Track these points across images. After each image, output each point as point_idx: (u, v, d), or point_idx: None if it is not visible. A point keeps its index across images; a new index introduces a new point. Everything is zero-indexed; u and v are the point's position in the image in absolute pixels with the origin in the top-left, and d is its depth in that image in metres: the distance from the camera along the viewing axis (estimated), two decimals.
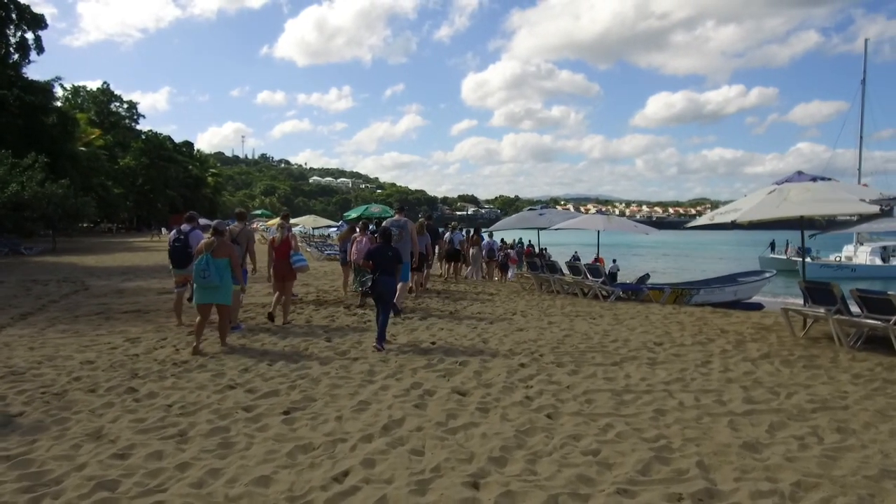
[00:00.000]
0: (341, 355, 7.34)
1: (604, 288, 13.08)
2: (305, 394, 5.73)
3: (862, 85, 40.49)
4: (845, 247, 40.94)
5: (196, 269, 7.41)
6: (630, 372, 6.60)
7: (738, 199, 9.42)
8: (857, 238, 39.79)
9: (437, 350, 7.66)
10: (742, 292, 19.95)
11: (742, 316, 10.90)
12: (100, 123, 74.97)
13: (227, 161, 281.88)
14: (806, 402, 5.49)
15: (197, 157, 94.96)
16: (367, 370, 6.60)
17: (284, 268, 9.40)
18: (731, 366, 6.90)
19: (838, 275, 35.98)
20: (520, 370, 6.62)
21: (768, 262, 42.66)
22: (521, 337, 8.55)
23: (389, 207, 20.64)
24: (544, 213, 15.35)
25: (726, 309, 13.17)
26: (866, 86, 40.10)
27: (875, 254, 38.34)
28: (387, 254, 7.91)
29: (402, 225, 11.45)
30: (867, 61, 41.26)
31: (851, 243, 40.23)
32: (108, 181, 65.16)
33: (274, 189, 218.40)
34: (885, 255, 38.33)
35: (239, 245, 9.04)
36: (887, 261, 37.86)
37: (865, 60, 41.31)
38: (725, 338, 8.59)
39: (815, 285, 8.43)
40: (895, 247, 38.80)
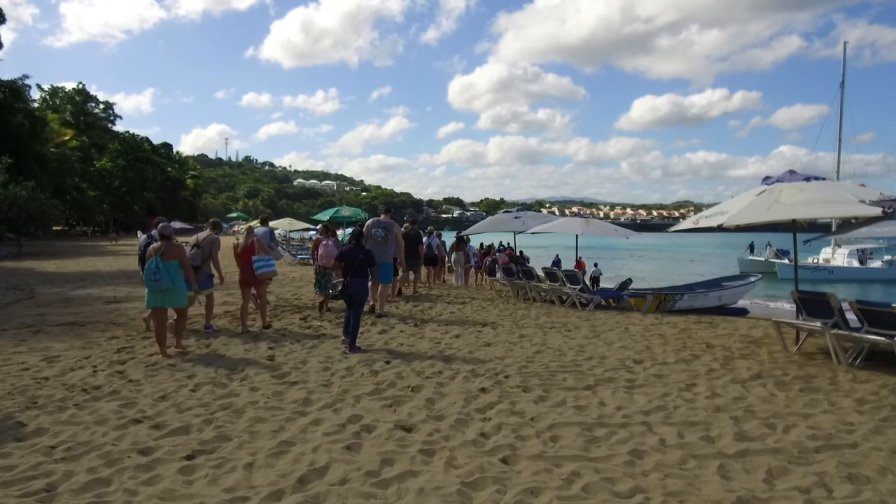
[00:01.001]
0: (279, 378, 6.45)
1: (582, 296, 12.28)
2: (221, 430, 4.84)
3: (841, 88, 40.64)
4: (823, 249, 41.01)
5: (146, 273, 7.31)
6: (605, 398, 5.77)
7: (725, 201, 8.66)
8: (835, 240, 39.93)
9: (391, 370, 6.79)
10: (727, 297, 19.39)
11: (729, 327, 10.13)
12: (75, 124, 73.30)
13: (210, 163, 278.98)
14: (807, 437, 4.68)
15: (176, 158, 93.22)
16: (303, 398, 5.71)
17: (250, 274, 9.14)
18: (719, 389, 6.10)
19: (815, 277, 35.78)
20: (479, 396, 5.77)
21: (747, 265, 42.53)
22: (488, 353, 7.70)
23: (361, 210, 19.70)
24: (520, 216, 14.51)
25: (711, 315, 12.46)
26: (846, 89, 40.24)
27: (853, 256, 38.35)
28: (358, 256, 7.70)
29: (387, 227, 11.07)
30: (846, 64, 41.41)
31: (829, 245, 40.34)
32: (83, 183, 63.66)
33: (258, 192, 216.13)
34: (863, 257, 38.34)
35: (201, 249, 9.06)
36: (865, 263, 37.87)
37: (844, 63, 41.49)
38: (712, 354, 7.80)
39: (810, 296, 7.66)
40: (873, 249, 38.82)
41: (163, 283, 7.21)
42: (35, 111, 40.15)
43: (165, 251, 7.34)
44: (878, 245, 39.47)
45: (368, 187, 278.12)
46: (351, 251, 7.82)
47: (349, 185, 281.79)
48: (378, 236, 11.00)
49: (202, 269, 9.11)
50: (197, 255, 9.06)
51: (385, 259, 10.79)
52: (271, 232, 13.79)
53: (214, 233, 9.56)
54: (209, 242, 9.25)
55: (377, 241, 10.91)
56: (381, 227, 11.06)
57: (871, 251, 39.00)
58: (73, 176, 47.32)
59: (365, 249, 8.06)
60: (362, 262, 7.77)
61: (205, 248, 9.16)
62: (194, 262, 8.97)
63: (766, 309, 22.01)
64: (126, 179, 74.24)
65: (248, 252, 9.23)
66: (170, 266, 7.30)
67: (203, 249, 9.13)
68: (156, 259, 7.24)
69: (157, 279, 7.19)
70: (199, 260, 9.06)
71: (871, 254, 38.60)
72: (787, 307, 23.92)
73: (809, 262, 38.97)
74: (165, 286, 7.25)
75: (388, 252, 10.96)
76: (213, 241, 9.31)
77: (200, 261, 9.07)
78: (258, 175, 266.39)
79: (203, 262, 9.11)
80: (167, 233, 7.55)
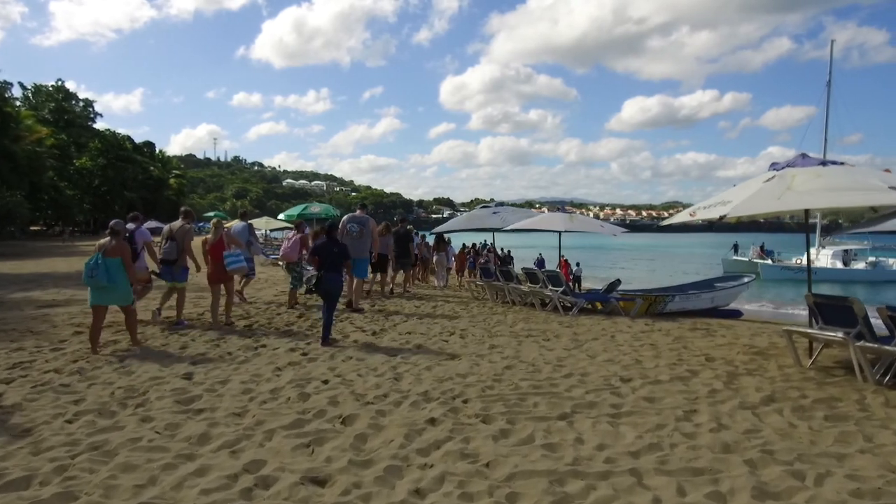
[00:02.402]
0: (184, 404, 5.21)
1: (565, 299, 11.09)
2: (70, 485, 3.60)
3: (827, 87, 40.27)
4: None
5: (85, 267, 7.16)
6: (583, 431, 4.58)
7: (728, 189, 7.50)
8: (820, 241, 39.49)
9: (326, 392, 5.57)
10: (719, 299, 18.49)
11: (729, 336, 8.96)
12: (54, 122, 71.47)
13: (198, 163, 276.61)
14: (850, 493, 3.50)
15: (159, 157, 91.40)
16: (201, 433, 4.48)
17: (218, 270, 8.87)
18: (726, 418, 4.92)
19: (798, 277, 35.15)
20: (426, 431, 4.56)
21: (731, 265, 42.00)
22: (448, 370, 6.48)
23: (332, 207, 18.43)
24: (498, 211, 13.27)
25: (705, 318, 11.35)
26: (833, 88, 39.95)
27: (836, 257, 37.97)
28: (332, 250, 7.68)
29: (362, 222, 11.12)
30: (833, 64, 41.04)
31: (814, 245, 39.97)
32: (61, 182, 61.93)
33: (246, 192, 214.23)
34: (847, 258, 37.90)
35: (175, 241, 8.91)
36: (848, 264, 37.43)
37: (831, 62, 41.12)
38: (712, 369, 6.63)
39: (829, 300, 6.48)
40: (857, 250, 38.36)
41: (98, 280, 7.03)
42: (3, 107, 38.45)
43: (109, 248, 7.16)
44: (862, 246, 39.14)
45: (358, 188, 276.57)
46: (325, 245, 7.72)
47: (339, 186, 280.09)
48: (353, 231, 11.02)
49: (179, 262, 8.95)
50: (172, 248, 8.91)
51: (361, 254, 10.85)
52: (250, 227, 12.94)
53: (187, 222, 9.23)
54: (183, 233, 8.98)
55: (353, 237, 10.92)
56: (356, 222, 11.07)
57: (854, 252, 38.63)
58: (44, 174, 45.56)
59: (339, 243, 7.97)
60: (337, 257, 7.70)
61: (178, 238, 8.93)
62: (169, 255, 8.92)
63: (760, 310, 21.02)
64: (106, 178, 72.50)
65: (218, 247, 8.90)
66: (109, 263, 7.10)
67: (177, 241, 8.92)
68: (97, 255, 7.09)
69: (94, 275, 7.03)
70: (175, 253, 8.90)
71: (855, 255, 38.17)
72: (769, 308, 23.02)
73: (793, 263, 38.63)
74: (101, 283, 7.06)
75: (364, 247, 10.98)
76: (186, 232, 9.04)
77: (176, 253, 8.90)
78: (247, 175, 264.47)
79: (179, 254, 8.92)
80: (118, 229, 7.36)
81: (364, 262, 11.05)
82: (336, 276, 7.80)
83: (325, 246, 7.77)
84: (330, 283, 7.68)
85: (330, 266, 7.67)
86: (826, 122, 39.69)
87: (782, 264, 38.64)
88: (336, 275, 7.79)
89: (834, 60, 41.28)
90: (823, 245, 39.40)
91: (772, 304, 24.18)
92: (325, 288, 7.67)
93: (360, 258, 10.82)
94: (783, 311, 22.15)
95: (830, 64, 41.03)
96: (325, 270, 7.63)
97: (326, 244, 7.81)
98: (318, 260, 7.71)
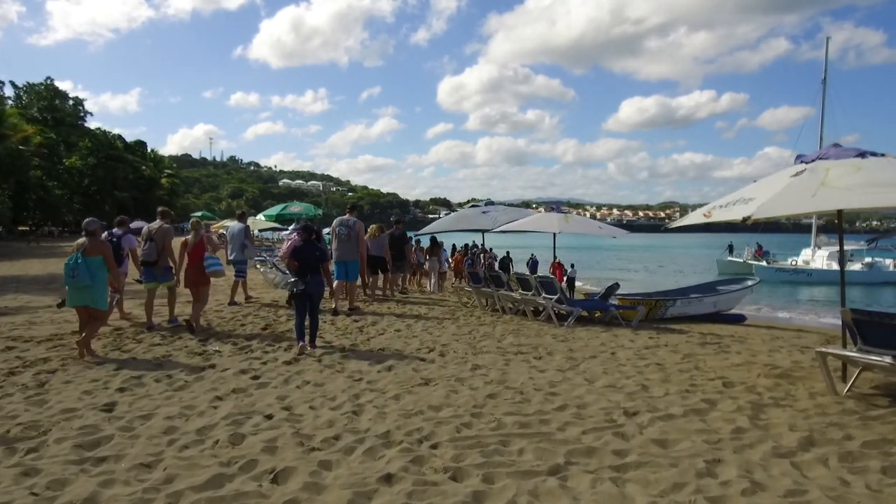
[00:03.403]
0: (85, 450, 4.19)
1: (560, 308, 10.07)
2: None
3: (823, 84, 39.68)
4: (803, 250, 40.22)
5: (65, 269, 7.01)
6: (579, 494, 3.56)
7: (747, 187, 6.47)
8: (816, 241, 38.16)
9: (265, 432, 4.54)
10: (722, 303, 17.67)
11: (744, 352, 7.93)
12: (43, 121, 70.24)
13: (194, 163, 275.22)
14: None
15: (150, 157, 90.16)
16: (88, 496, 3.45)
17: (196, 273, 8.64)
18: (759, 471, 3.90)
19: (793, 279, 34.25)
20: (377, 495, 3.54)
21: (725, 266, 41.24)
22: (420, 400, 5.45)
23: (314, 207, 17.37)
24: (488, 210, 12.21)
25: (717, 331, 10.37)
26: (830, 88, 39.44)
27: (833, 258, 37.18)
28: (313, 253, 7.48)
29: (350, 224, 10.96)
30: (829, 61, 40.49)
31: (809, 246, 39.17)
32: (49, 182, 60.73)
33: (242, 192, 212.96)
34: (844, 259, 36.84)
35: (154, 242, 8.72)
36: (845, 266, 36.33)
37: (826, 59, 40.53)
38: (732, 398, 5.61)
39: (872, 318, 5.45)
40: (853, 251, 37.64)
41: (80, 280, 6.86)
42: None
43: (88, 247, 6.99)
44: (858, 246, 38.44)
45: (355, 188, 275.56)
46: (306, 248, 7.47)
47: (335, 186, 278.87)
48: (342, 234, 10.91)
49: (159, 263, 8.77)
50: (152, 249, 8.70)
51: (352, 256, 10.82)
52: (247, 229, 12.14)
53: (165, 222, 9.02)
54: (162, 234, 8.78)
55: (342, 240, 10.87)
56: (345, 225, 10.95)
57: (851, 253, 37.81)
58: (28, 173, 44.37)
59: (317, 246, 7.75)
60: (317, 259, 7.53)
61: (158, 239, 8.73)
62: (149, 256, 8.71)
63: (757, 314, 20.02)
64: (96, 178, 71.34)
65: (199, 249, 8.65)
66: (91, 262, 6.93)
67: (157, 241, 8.72)
68: (76, 255, 6.91)
69: (75, 275, 6.86)
70: (155, 254, 8.70)
71: (852, 255, 37.36)
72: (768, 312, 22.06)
73: (788, 265, 37.94)
74: (83, 283, 6.88)
75: (354, 250, 10.87)
76: (165, 232, 8.83)
77: (156, 254, 8.71)
78: (243, 175, 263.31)
79: (159, 254, 8.72)
80: (91, 229, 7.14)
81: (355, 264, 10.95)
82: (318, 278, 7.58)
83: (304, 248, 7.49)
84: (313, 286, 7.43)
85: (311, 269, 7.45)
86: (822, 120, 39.14)
87: (777, 266, 37.90)
88: (318, 277, 7.58)
89: (831, 61, 40.74)
90: (819, 245, 38.72)
91: (769, 308, 23.24)
92: (309, 292, 7.42)
93: (352, 260, 10.83)
94: (782, 316, 21.23)
95: (826, 61, 40.44)
96: (308, 274, 7.42)
97: (306, 246, 7.53)
98: (296, 264, 7.45)
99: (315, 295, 7.54)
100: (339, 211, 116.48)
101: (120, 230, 9.34)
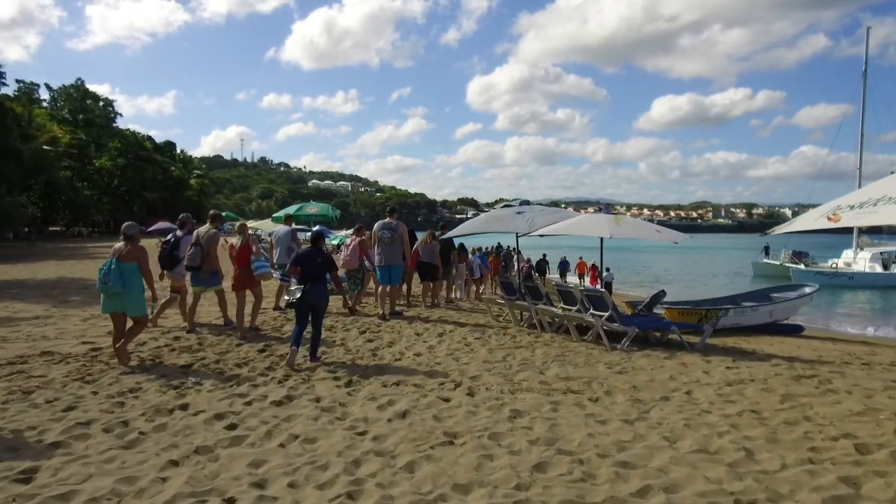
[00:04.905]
0: None
1: (612, 327, 8.45)
2: None
3: (863, 77, 37.42)
4: (845, 252, 37.98)
5: (99, 273, 6.74)
6: None
7: (877, 182, 4.85)
8: (858, 243, 36.39)
9: None
10: (779, 312, 16.18)
11: (855, 391, 6.14)
12: (73, 122, 70.64)
13: (225, 164, 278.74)
14: None
15: (180, 158, 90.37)
16: None
17: (244, 275, 8.54)
18: None
19: (833, 282, 31.94)
20: None
21: (761, 269, 39.21)
22: (440, 474, 3.92)
23: (331, 207, 15.98)
24: (524, 211, 10.57)
25: (803, 358, 8.69)
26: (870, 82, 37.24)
27: (875, 260, 34.96)
28: (316, 260, 7.11)
29: (392, 227, 10.71)
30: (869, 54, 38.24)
31: (851, 248, 36.49)
32: (79, 182, 60.86)
33: (272, 192, 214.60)
34: (888, 261, 34.78)
35: (200, 247, 8.52)
36: (889, 268, 34.30)
37: (867, 51, 38.45)
38: (878, 472, 3.96)
39: None
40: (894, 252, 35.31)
41: (112, 287, 6.57)
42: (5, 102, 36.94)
43: (125, 253, 6.72)
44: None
45: (383, 188, 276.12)
46: (309, 254, 7.13)
47: (363, 186, 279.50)
48: (385, 238, 10.66)
49: (203, 267, 8.53)
50: (196, 253, 8.48)
51: (394, 260, 10.63)
52: (293, 232, 11.58)
53: (214, 227, 8.78)
54: (208, 239, 8.59)
55: (385, 244, 10.63)
56: (387, 228, 10.72)
57: (894, 254, 35.42)
58: (53, 173, 44.04)
59: (323, 253, 7.33)
60: (321, 267, 7.06)
61: (204, 244, 8.53)
62: (193, 261, 8.49)
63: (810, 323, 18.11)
64: (125, 178, 71.45)
65: (245, 252, 8.51)
66: (124, 269, 6.66)
67: (202, 246, 8.52)
68: (111, 260, 6.67)
69: (107, 282, 6.58)
70: (199, 259, 8.48)
71: None
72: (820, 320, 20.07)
73: (828, 267, 35.86)
74: (115, 290, 6.58)
75: (397, 253, 10.66)
76: (212, 237, 8.63)
77: (200, 259, 8.49)
78: (273, 176, 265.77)
79: (203, 259, 8.50)
80: (130, 233, 6.85)
81: (398, 268, 10.75)
82: (321, 287, 7.05)
83: (308, 255, 7.11)
84: (314, 295, 6.94)
85: (314, 277, 6.96)
86: (862, 116, 37.19)
87: (816, 268, 35.71)
88: (321, 286, 7.05)
89: (871, 57, 38.64)
90: (861, 247, 36.70)
91: (819, 316, 21.24)
92: (309, 301, 6.92)
93: (395, 264, 10.65)
94: (838, 327, 19.27)
95: (867, 53, 38.48)
96: (310, 282, 6.92)
97: (310, 253, 7.14)
98: (300, 271, 7.05)
99: (318, 305, 7.05)
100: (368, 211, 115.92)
101: (182, 231, 9.06)
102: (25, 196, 37.69)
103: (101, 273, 6.69)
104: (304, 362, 7.02)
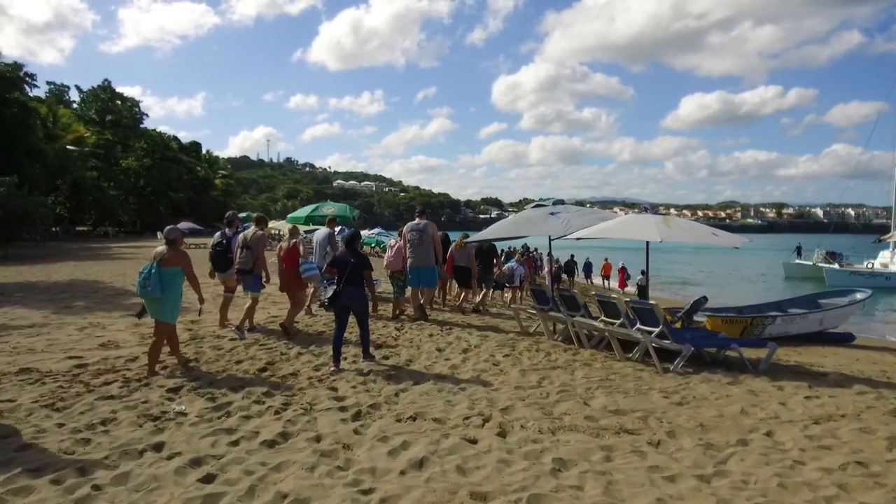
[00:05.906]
0: None
1: (664, 344, 7.34)
2: None
3: None
4: (882, 252, 36.13)
5: (139, 277, 6.45)
6: None
7: None
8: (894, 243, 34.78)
9: None
10: (829, 320, 14.98)
11: None
12: (100, 122, 71.19)
13: (252, 165, 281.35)
14: None
15: (205, 158, 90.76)
16: None
17: (291, 277, 8.67)
18: None
19: (869, 283, 30.21)
20: None
21: (793, 270, 37.77)
22: None
23: (350, 208, 15.07)
24: (558, 211, 9.45)
25: (886, 383, 7.54)
26: None
27: None
28: (349, 260, 6.93)
29: (421, 228, 10.47)
30: None
31: (889, 248, 35.18)
32: (105, 182, 61.18)
33: (297, 192, 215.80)
34: None
35: (251, 250, 8.42)
36: None
37: None
38: None
39: None
40: None
41: (151, 292, 6.33)
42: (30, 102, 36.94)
43: (166, 257, 6.50)
44: None
45: (407, 188, 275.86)
46: (342, 256, 7.10)
47: (388, 186, 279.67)
48: (414, 239, 10.44)
49: (254, 271, 8.45)
50: (248, 257, 8.39)
51: (425, 262, 10.37)
52: (331, 234, 11.36)
53: (260, 229, 8.69)
54: (256, 240, 8.46)
55: (414, 245, 10.43)
56: (415, 229, 10.47)
57: None
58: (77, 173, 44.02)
59: (358, 253, 7.16)
60: (355, 267, 6.92)
61: (253, 246, 8.42)
62: (245, 265, 8.41)
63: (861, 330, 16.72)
64: (151, 178, 71.75)
65: (293, 254, 8.67)
66: (165, 273, 6.42)
67: (252, 249, 8.40)
68: (152, 264, 6.45)
69: (146, 286, 6.33)
70: (251, 262, 8.38)
71: None
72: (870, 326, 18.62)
73: (864, 268, 34.30)
74: (154, 295, 6.35)
75: (426, 254, 10.36)
76: (259, 239, 8.52)
77: (251, 263, 8.39)
78: (298, 176, 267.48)
79: (254, 263, 8.41)
80: (172, 237, 6.63)
81: (430, 269, 10.43)
82: (355, 290, 6.94)
83: (342, 256, 7.07)
84: (349, 297, 6.87)
85: (348, 279, 6.88)
86: None
87: (851, 269, 34.02)
88: (356, 289, 6.95)
89: None
90: None
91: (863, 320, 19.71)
92: (342, 303, 6.88)
93: (426, 266, 10.36)
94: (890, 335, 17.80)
95: None
96: (344, 284, 6.86)
97: (344, 254, 7.10)
98: (335, 271, 7.08)
99: (353, 306, 6.97)
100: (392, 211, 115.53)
101: (230, 231, 8.99)
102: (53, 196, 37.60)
103: (140, 277, 6.47)
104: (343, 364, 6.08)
